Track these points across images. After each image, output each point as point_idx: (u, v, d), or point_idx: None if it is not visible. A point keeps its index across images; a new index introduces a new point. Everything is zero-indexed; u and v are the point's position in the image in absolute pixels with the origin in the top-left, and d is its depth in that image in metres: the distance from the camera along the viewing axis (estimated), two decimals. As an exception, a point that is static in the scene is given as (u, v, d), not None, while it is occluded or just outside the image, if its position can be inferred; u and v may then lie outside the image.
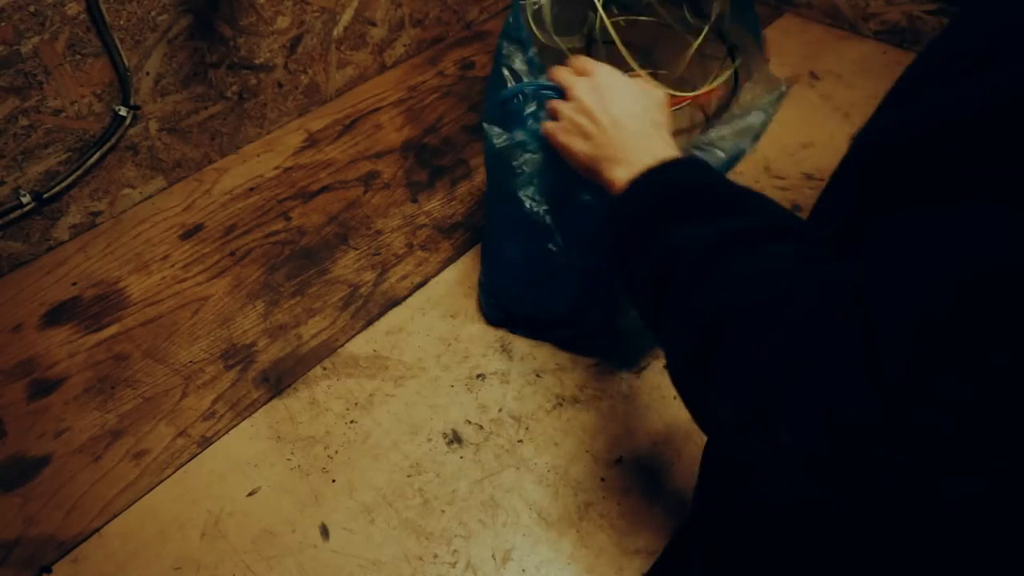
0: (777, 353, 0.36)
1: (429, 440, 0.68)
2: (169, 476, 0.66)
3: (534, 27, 0.69)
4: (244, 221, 0.90)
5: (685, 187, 0.49)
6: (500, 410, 0.70)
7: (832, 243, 0.44)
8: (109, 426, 0.69)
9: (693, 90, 0.70)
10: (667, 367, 0.48)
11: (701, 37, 0.71)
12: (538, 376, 0.72)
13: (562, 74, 0.61)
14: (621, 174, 0.53)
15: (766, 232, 0.43)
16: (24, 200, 0.80)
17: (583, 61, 0.61)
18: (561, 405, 0.70)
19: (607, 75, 0.59)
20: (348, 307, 0.79)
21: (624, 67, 0.63)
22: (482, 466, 0.66)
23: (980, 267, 0.30)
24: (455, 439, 0.68)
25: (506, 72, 0.63)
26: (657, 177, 0.51)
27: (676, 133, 0.71)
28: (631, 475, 0.65)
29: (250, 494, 0.64)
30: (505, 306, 0.75)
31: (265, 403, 0.71)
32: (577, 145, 0.57)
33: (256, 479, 0.65)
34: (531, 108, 0.62)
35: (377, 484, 0.65)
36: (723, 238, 0.43)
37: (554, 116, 0.60)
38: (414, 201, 0.92)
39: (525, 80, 0.62)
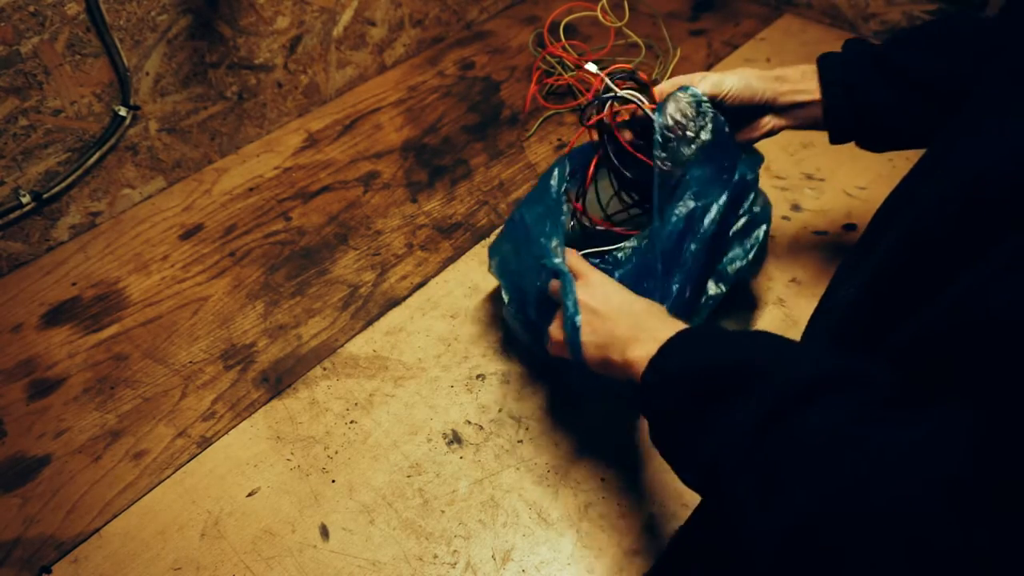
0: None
1: (429, 440, 0.68)
2: (169, 476, 0.66)
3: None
4: (244, 221, 0.90)
5: (692, 371, 0.48)
6: (500, 410, 0.70)
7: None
8: (109, 426, 0.69)
9: None
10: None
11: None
12: (538, 376, 0.72)
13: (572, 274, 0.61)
14: (634, 354, 0.52)
15: (792, 400, 0.41)
16: (24, 200, 0.80)
17: (576, 262, 0.61)
18: (561, 405, 0.70)
19: (597, 275, 0.60)
20: (348, 307, 0.79)
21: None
22: (482, 466, 0.66)
23: None
24: (455, 439, 0.68)
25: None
26: (663, 362, 0.50)
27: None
28: (631, 475, 0.65)
29: (250, 494, 0.64)
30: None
31: (265, 403, 0.71)
32: (586, 337, 0.57)
33: (256, 479, 0.65)
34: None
35: (377, 484, 0.65)
36: (753, 428, 0.42)
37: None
38: (414, 201, 0.92)
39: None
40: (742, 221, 0.71)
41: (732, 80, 0.66)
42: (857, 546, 0.34)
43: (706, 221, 0.63)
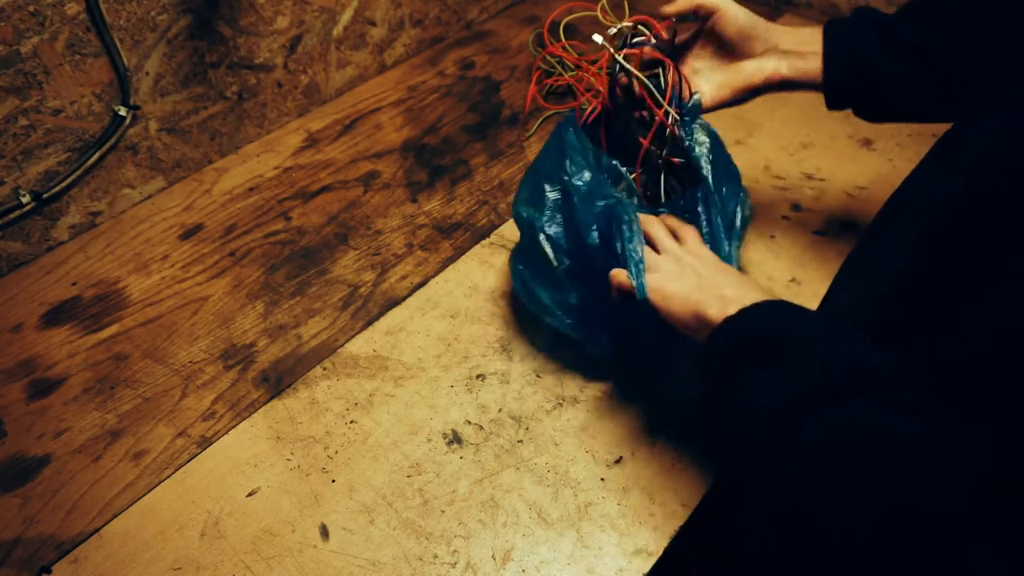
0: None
1: (429, 440, 0.68)
2: (169, 476, 0.66)
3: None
4: (244, 221, 0.90)
5: (760, 336, 0.50)
6: (500, 410, 0.70)
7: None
8: (109, 426, 0.69)
9: None
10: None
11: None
12: (538, 376, 0.72)
13: (655, 227, 0.64)
14: (715, 312, 0.54)
15: (843, 392, 0.42)
16: (24, 200, 0.80)
17: (675, 221, 0.65)
18: (561, 405, 0.70)
19: (695, 234, 0.63)
20: (348, 307, 0.79)
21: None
22: (482, 466, 0.66)
23: None
24: (455, 439, 0.68)
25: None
26: (735, 327, 0.52)
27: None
28: (631, 475, 0.65)
29: (250, 494, 0.64)
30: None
31: (265, 403, 0.71)
32: (683, 284, 0.58)
33: (256, 479, 0.65)
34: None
35: (377, 484, 0.65)
36: (792, 407, 0.42)
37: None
38: (414, 201, 0.92)
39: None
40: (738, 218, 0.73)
41: (737, 6, 0.71)
42: (862, 539, 0.34)
43: (730, 208, 0.68)
